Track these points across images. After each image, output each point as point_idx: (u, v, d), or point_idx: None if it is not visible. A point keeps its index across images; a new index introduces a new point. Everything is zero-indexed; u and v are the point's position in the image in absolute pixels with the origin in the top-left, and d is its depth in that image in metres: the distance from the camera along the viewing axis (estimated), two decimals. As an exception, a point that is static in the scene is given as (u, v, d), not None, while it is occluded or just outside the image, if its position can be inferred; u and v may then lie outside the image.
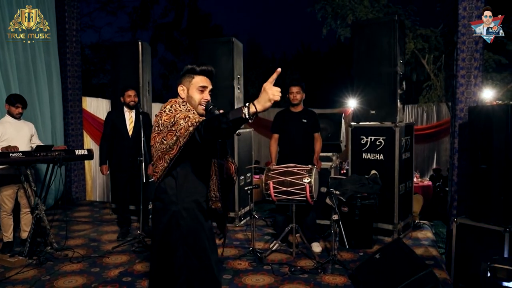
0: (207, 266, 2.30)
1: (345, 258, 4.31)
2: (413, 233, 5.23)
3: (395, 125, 4.86)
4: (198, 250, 2.27)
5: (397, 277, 3.05)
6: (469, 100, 5.31)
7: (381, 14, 7.30)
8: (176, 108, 2.26)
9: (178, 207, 2.25)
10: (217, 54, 5.61)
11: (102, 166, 5.06)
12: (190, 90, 2.34)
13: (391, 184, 4.87)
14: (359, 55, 5.18)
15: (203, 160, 2.32)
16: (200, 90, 2.32)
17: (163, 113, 2.24)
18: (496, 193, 4.28)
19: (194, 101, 2.33)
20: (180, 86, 2.37)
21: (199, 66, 2.35)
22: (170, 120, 2.16)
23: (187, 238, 2.25)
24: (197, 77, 2.34)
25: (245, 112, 1.86)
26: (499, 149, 4.25)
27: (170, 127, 2.14)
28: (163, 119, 2.21)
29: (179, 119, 2.12)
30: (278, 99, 1.86)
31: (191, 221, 2.26)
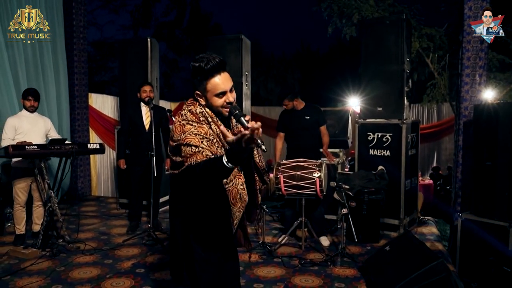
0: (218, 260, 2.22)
1: (353, 252, 4.38)
2: (418, 228, 5.31)
3: (402, 122, 4.94)
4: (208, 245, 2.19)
5: (408, 268, 3.12)
6: (474, 98, 5.39)
7: (387, 13, 7.38)
8: (190, 115, 2.05)
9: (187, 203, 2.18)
10: (225, 51, 5.67)
11: (120, 160, 5.14)
12: (208, 97, 2.05)
13: (397, 180, 4.95)
14: (367, 53, 5.26)
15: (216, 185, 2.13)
16: (218, 96, 2.03)
17: (177, 122, 2.07)
18: (501, 189, 4.35)
19: (216, 108, 2.07)
20: (196, 92, 2.08)
21: (207, 65, 1.98)
22: (178, 137, 2.00)
23: (196, 233, 2.19)
24: (211, 81, 2.01)
25: (222, 161, 1.77)
26: (504, 146, 4.33)
27: (177, 144, 2.02)
28: (176, 129, 2.05)
29: (182, 143, 1.96)
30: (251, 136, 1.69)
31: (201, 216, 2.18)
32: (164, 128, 5.09)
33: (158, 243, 4.58)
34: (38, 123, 4.63)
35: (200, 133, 1.96)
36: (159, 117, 4.97)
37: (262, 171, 2.34)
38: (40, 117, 4.73)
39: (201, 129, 1.98)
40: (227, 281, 2.28)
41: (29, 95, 4.57)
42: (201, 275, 2.22)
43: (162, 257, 4.22)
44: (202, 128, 1.99)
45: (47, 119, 4.86)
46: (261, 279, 3.71)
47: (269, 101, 17.67)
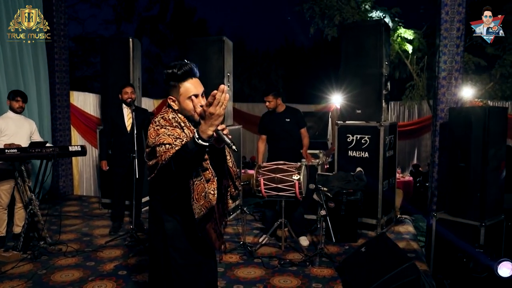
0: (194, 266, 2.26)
1: (331, 252, 4.51)
2: (395, 227, 5.47)
3: (380, 124, 5.07)
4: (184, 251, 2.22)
5: (382, 269, 3.25)
6: (450, 100, 5.55)
7: (367, 16, 7.51)
8: (164, 121, 2.13)
9: (163, 211, 2.21)
10: (207, 53, 5.71)
11: (102, 161, 5.20)
12: (181, 101, 2.14)
13: (375, 180, 5.09)
14: (346, 56, 5.37)
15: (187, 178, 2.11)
16: (189, 100, 2.12)
17: (152, 126, 2.15)
18: (473, 190, 4.51)
19: (188, 112, 2.16)
20: (169, 98, 2.17)
21: (180, 69, 2.10)
22: (153, 141, 2.08)
23: (172, 240, 2.21)
24: (183, 84, 2.12)
25: (194, 141, 1.86)
26: (477, 149, 4.48)
27: (153, 147, 2.09)
28: (150, 133, 2.12)
29: (157, 144, 2.04)
30: (222, 114, 1.83)
31: (179, 223, 2.21)
32: (146, 130, 5.09)
33: (140, 244, 4.63)
34: (23, 126, 4.66)
35: (173, 134, 2.06)
36: (142, 118, 5.00)
37: (235, 176, 2.36)
38: (25, 120, 4.75)
39: (174, 131, 2.08)
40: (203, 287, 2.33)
41: (18, 96, 4.59)
42: (177, 282, 2.24)
43: (144, 259, 4.27)
44: (175, 131, 2.08)
45: (31, 121, 4.87)
46: (241, 280, 3.80)
47: (253, 97, 17.73)
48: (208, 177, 2.11)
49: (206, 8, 28.37)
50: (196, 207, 2.08)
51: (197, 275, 2.28)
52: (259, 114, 5.50)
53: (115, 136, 5.11)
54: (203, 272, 2.32)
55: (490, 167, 4.45)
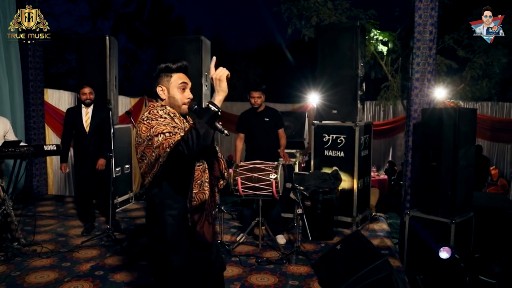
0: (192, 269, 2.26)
1: (308, 249, 4.59)
2: (370, 225, 5.60)
3: (355, 124, 5.18)
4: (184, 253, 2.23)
5: (356, 266, 3.34)
6: (423, 101, 5.70)
7: (344, 17, 7.65)
8: (154, 115, 2.16)
9: (167, 213, 2.20)
10: (185, 52, 5.72)
11: (62, 164, 5.12)
12: (170, 90, 2.25)
13: (350, 179, 5.20)
14: (323, 57, 5.46)
15: (189, 166, 2.16)
16: (181, 89, 2.25)
17: (142, 122, 2.16)
18: (444, 189, 4.67)
19: (176, 101, 2.24)
20: (158, 87, 2.26)
21: (175, 63, 2.26)
22: (147, 134, 2.10)
23: (172, 244, 2.21)
24: (175, 75, 2.25)
25: (212, 107, 1.98)
26: (448, 149, 4.64)
27: (147, 141, 2.11)
28: (141, 130, 2.14)
29: (154, 134, 2.07)
30: (227, 73, 2.03)
31: (176, 228, 2.21)
32: (105, 129, 4.95)
33: (117, 243, 4.60)
34: None
35: (169, 124, 2.11)
36: (100, 117, 4.96)
37: (223, 168, 2.39)
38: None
39: (167, 122, 2.12)
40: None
41: None
42: (173, 284, 2.23)
43: (121, 258, 4.26)
44: (167, 121, 2.13)
45: (6, 120, 4.78)
46: (219, 278, 3.83)
47: (231, 96, 17.73)
48: (203, 167, 2.16)
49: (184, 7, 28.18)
50: (191, 196, 2.12)
51: (197, 276, 2.28)
52: (237, 113, 5.54)
53: (75, 137, 5.08)
54: (203, 270, 2.30)
55: (460, 167, 4.61)
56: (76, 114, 5.02)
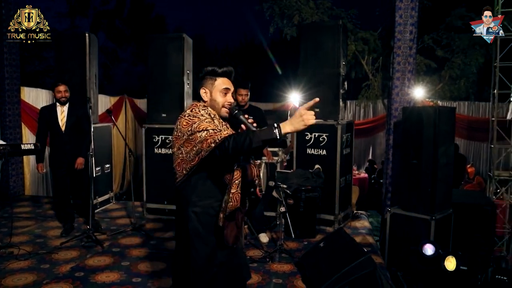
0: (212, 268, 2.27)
1: (290, 247, 4.60)
2: (352, 222, 5.65)
3: (337, 123, 5.21)
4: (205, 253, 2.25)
5: (340, 263, 3.36)
6: (403, 100, 5.78)
7: (326, 16, 7.69)
8: (196, 113, 2.23)
9: (190, 210, 2.25)
10: (167, 50, 5.65)
11: (38, 164, 4.97)
12: (213, 93, 2.31)
13: (332, 177, 5.23)
14: (305, 55, 5.47)
15: (223, 167, 2.21)
16: (223, 93, 2.31)
17: (183, 118, 2.23)
18: (425, 186, 4.74)
19: (217, 104, 2.31)
20: (202, 89, 2.32)
21: (221, 68, 2.32)
22: (188, 128, 2.16)
23: (193, 241, 2.25)
24: (219, 79, 2.32)
25: (276, 133, 1.97)
26: (428, 147, 4.71)
27: (188, 136, 2.15)
28: (182, 124, 2.21)
29: (197, 130, 2.11)
30: (313, 123, 2.02)
31: (199, 225, 2.25)
32: (82, 128, 4.87)
33: (98, 244, 4.53)
34: None
35: (210, 122, 2.18)
36: (76, 116, 4.87)
37: (255, 174, 2.43)
38: None
39: (207, 120, 2.19)
40: None
41: None
42: (194, 283, 2.25)
43: (102, 259, 4.18)
44: (207, 119, 2.20)
45: None
46: (202, 278, 3.80)
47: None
48: (241, 169, 2.24)
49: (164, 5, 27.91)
50: (228, 196, 2.17)
51: (218, 278, 2.28)
52: (219, 112, 5.49)
53: (50, 137, 4.95)
54: (224, 274, 2.31)
55: (440, 164, 4.69)
56: (51, 112, 4.90)
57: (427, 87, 9.57)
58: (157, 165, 5.70)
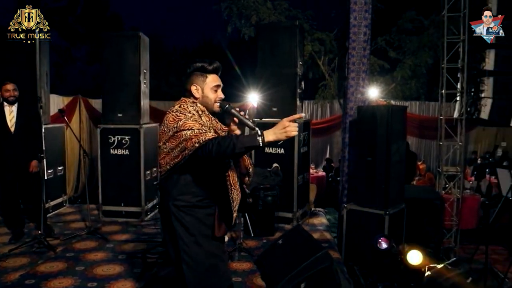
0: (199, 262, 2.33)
1: (250, 246, 4.62)
2: (310, 219, 5.75)
3: (295, 121, 5.27)
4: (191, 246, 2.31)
5: (298, 259, 3.41)
6: (358, 99, 5.94)
7: (283, 17, 7.80)
8: (184, 109, 2.28)
9: (171, 203, 2.31)
10: (123, 49, 5.54)
11: None
12: (205, 90, 2.37)
13: (290, 176, 5.30)
14: (263, 55, 5.53)
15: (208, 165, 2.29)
16: (214, 90, 2.38)
17: (170, 113, 2.27)
18: (379, 182, 4.90)
19: (210, 101, 2.37)
20: (193, 85, 2.36)
21: (211, 65, 2.38)
22: (174, 125, 2.20)
23: (179, 232, 2.31)
24: (210, 76, 2.38)
25: (259, 141, 2.04)
26: (381, 144, 4.87)
27: (174, 132, 2.20)
28: (168, 119, 2.25)
29: (182, 128, 2.16)
30: (295, 135, 2.11)
31: (187, 217, 2.30)
32: (33, 129, 4.68)
33: (50, 249, 4.36)
34: None
35: (196, 120, 2.23)
36: (27, 116, 4.67)
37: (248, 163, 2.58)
38: None
39: (194, 118, 2.25)
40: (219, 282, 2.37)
41: None
42: (189, 275, 2.31)
43: (55, 265, 4.03)
44: (194, 117, 2.25)
45: None
46: (161, 279, 3.75)
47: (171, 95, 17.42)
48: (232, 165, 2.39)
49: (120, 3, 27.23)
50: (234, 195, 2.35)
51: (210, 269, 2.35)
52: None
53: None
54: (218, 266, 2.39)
55: (393, 161, 4.86)
56: None
57: (380, 87, 9.90)
58: (113, 167, 5.57)
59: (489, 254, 5.56)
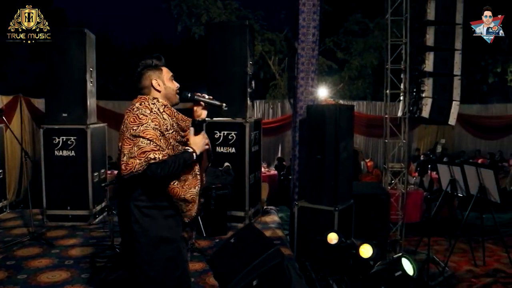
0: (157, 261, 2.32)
1: (202, 246, 4.60)
2: (262, 218, 5.81)
3: (245, 121, 5.32)
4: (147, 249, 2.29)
5: (249, 257, 3.42)
6: (307, 99, 6.07)
7: (233, 16, 7.81)
8: (145, 107, 2.29)
9: (132, 204, 2.29)
10: (68, 46, 5.33)
11: None
12: (165, 81, 2.42)
13: (242, 175, 5.33)
14: (213, 54, 5.52)
15: None
16: (171, 80, 2.45)
17: (131, 112, 2.28)
18: (328, 179, 5.03)
19: (172, 91, 2.42)
20: (154, 80, 2.39)
21: (160, 60, 2.46)
22: (134, 127, 2.21)
23: (138, 234, 2.28)
24: (163, 68, 2.45)
25: (194, 156, 2.31)
26: (330, 142, 5.00)
27: (131, 134, 2.20)
28: (129, 120, 2.25)
29: (141, 135, 2.18)
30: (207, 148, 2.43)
31: (147, 218, 2.29)
32: None
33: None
34: None
35: (156, 127, 2.24)
36: None
37: None
38: None
39: (156, 121, 2.26)
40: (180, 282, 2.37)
41: None
42: (143, 280, 2.28)
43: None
44: (156, 120, 2.26)
45: None
46: (110, 283, 3.65)
47: (119, 95, 16.95)
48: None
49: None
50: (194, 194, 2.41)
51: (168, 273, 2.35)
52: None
53: None
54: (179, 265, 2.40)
55: (341, 159, 5.01)
56: None
57: (329, 87, 10.18)
58: (59, 169, 5.35)
59: (431, 245, 5.90)
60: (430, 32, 5.88)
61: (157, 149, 2.19)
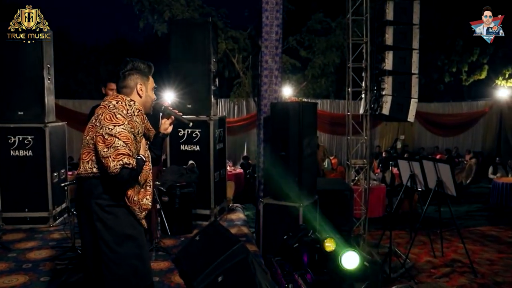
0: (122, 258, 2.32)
1: (167, 245, 4.54)
2: (228, 215, 5.81)
3: (210, 118, 5.30)
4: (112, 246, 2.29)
5: (215, 254, 3.42)
6: (271, 97, 6.11)
7: (196, 14, 7.74)
8: (122, 107, 2.31)
9: (93, 201, 2.29)
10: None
11: None
12: (148, 90, 2.47)
13: (207, 172, 5.31)
14: (176, 51, 5.47)
15: None
16: (153, 91, 2.51)
17: (106, 109, 2.28)
18: (292, 176, 5.09)
19: (151, 100, 2.49)
20: (139, 84, 2.42)
21: (151, 68, 2.51)
22: (110, 126, 2.20)
23: (101, 231, 2.28)
24: (150, 77, 2.50)
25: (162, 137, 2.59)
26: (294, 139, 5.06)
27: (106, 132, 2.20)
28: (104, 116, 2.24)
29: (117, 136, 2.19)
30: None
31: (110, 216, 2.29)
32: None
33: None
34: None
35: (131, 130, 2.28)
36: None
37: None
38: None
39: (132, 124, 2.29)
40: (139, 283, 2.36)
41: None
42: (108, 277, 2.27)
43: None
44: (132, 123, 2.30)
45: None
46: (71, 285, 3.54)
47: (80, 93, 16.48)
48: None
49: (20, -8, 25.03)
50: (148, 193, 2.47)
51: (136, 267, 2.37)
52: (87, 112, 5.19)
53: None
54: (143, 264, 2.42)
55: (305, 155, 5.08)
56: None
57: (293, 85, 10.27)
58: (15, 169, 5.14)
59: (393, 238, 6.09)
60: (389, 32, 6.07)
61: (131, 155, 2.22)
